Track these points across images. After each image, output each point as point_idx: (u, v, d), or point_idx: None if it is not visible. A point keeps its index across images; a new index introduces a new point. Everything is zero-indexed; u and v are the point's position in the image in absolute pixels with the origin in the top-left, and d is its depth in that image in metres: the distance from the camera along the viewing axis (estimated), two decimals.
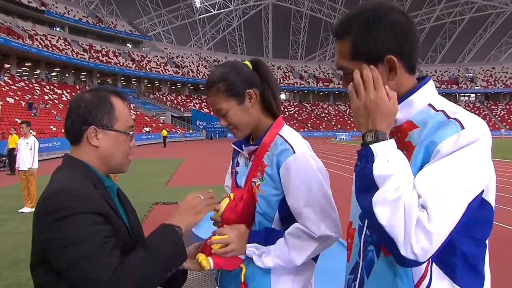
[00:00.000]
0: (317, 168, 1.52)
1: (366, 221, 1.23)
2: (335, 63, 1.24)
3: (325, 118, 76.98)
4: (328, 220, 1.50)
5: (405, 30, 1.15)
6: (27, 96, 37.34)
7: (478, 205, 1.05)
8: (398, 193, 0.99)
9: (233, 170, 1.75)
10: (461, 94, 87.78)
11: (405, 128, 1.16)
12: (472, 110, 77.61)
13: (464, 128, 1.04)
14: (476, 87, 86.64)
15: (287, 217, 1.54)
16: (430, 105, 1.16)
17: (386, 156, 1.04)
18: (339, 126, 72.12)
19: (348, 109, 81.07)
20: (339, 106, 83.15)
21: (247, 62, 1.64)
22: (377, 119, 1.09)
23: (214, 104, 1.57)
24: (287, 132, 1.60)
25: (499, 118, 78.63)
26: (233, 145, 1.75)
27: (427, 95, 1.18)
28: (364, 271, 1.23)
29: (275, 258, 1.49)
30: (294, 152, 1.51)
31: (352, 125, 74.67)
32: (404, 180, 1.01)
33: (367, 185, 1.05)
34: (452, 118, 1.08)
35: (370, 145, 1.07)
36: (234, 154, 1.80)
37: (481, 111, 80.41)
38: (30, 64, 51.81)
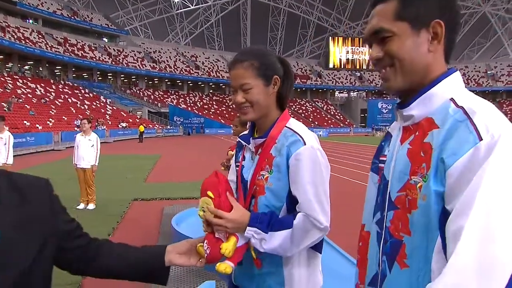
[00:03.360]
0: (323, 163, 1.57)
1: (385, 227, 1.13)
2: (370, 28, 1.13)
3: (303, 115, 77.35)
4: (326, 213, 1.54)
5: (454, 8, 1.08)
6: None
7: None
8: None
9: (238, 164, 1.76)
10: None
11: (425, 126, 1.04)
12: None
13: (482, 139, 0.90)
14: None
15: (293, 208, 1.56)
16: (452, 99, 1.03)
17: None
18: (316, 123, 72.61)
19: (325, 106, 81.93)
20: (316, 102, 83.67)
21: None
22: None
23: (241, 77, 1.57)
24: (295, 124, 1.64)
25: None
26: (239, 139, 1.77)
27: (450, 88, 1.06)
28: (379, 283, 1.14)
29: (276, 247, 1.50)
30: (305, 144, 1.54)
31: (329, 121, 75.50)
32: None
33: None
34: (469, 119, 0.95)
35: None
36: (237, 149, 1.82)
37: None
38: (2, 57, 50.37)
